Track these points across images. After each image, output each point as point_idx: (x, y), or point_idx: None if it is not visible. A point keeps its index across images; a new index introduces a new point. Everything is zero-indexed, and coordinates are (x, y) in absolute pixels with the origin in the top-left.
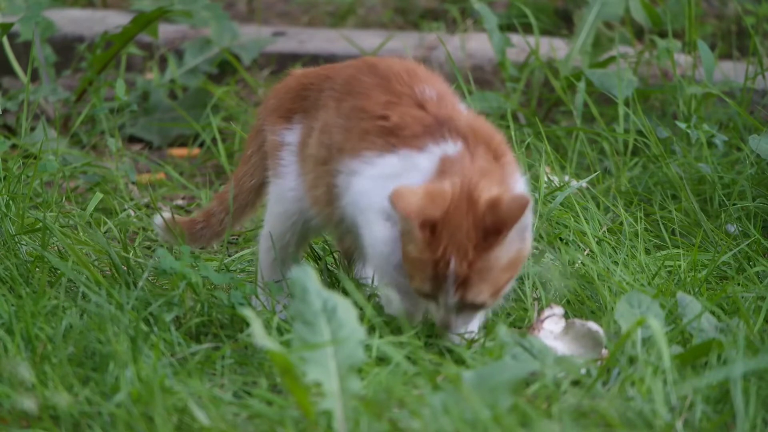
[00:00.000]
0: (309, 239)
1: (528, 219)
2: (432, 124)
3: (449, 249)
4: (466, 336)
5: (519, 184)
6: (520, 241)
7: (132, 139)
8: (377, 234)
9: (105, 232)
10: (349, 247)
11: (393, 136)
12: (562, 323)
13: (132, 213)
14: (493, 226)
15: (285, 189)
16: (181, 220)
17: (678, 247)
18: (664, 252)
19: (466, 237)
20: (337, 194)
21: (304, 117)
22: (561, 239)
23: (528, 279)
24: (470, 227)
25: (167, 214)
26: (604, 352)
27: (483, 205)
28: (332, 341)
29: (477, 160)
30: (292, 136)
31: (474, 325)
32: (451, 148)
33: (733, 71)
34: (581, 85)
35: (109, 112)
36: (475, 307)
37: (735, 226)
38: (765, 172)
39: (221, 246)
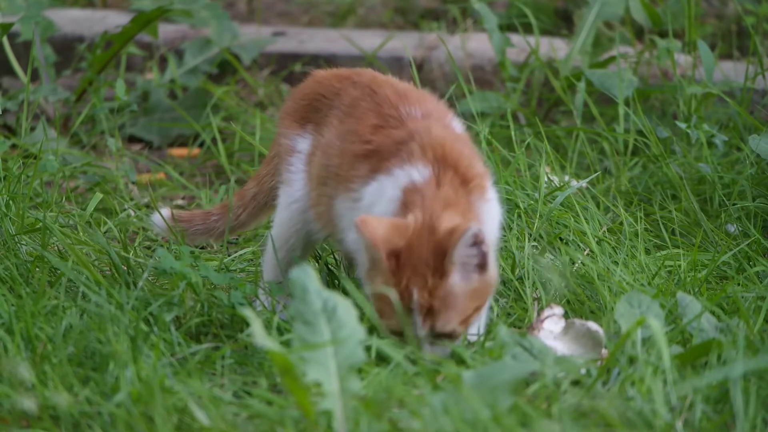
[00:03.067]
0: (316, 244)
1: (484, 248)
2: (403, 138)
3: (411, 280)
4: (469, 338)
5: (487, 209)
6: (478, 270)
7: (132, 139)
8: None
9: (105, 232)
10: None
11: (374, 159)
12: (561, 323)
13: (132, 213)
14: (443, 250)
15: (291, 199)
16: (196, 212)
17: (678, 247)
18: (664, 252)
19: (425, 266)
20: (336, 217)
21: (314, 129)
22: (561, 239)
23: (528, 279)
24: (429, 256)
25: (166, 212)
26: (604, 352)
27: (442, 234)
28: (332, 341)
29: (442, 188)
30: (303, 144)
31: (474, 327)
32: (417, 174)
33: (733, 71)
34: (581, 85)
35: (109, 112)
36: (446, 337)
37: (735, 226)
38: (765, 172)
39: (221, 246)
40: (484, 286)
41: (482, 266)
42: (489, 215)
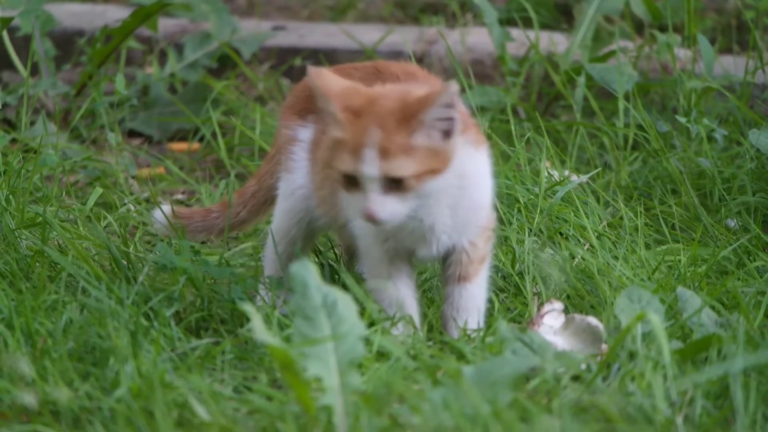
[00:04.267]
0: (316, 237)
1: (455, 114)
2: None
3: (371, 123)
4: (468, 332)
5: (478, 154)
6: (443, 135)
7: (132, 134)
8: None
9: (105, 227)
10: (352, 243)
11: None
12: (561, 318)
13: (132, 207)
14: (415, 107)
15: (294, 186)
16: (196, 209)
17: (678, 242)
18: (664, 247)
19: (388, 115)
20: (340, 200)
21: (316, 118)
22: (561, 234)
23: (528, 274)
24: (395, 110)
25: (167, 208)
26: (604, 347)
27: (413, 97)
28: (332, 336)
29: None
30: (305, 133)
31: (474, 321)
32: None
33: (733, 65)
34: (581, 80)
35: (109, 107)
36: (396, 185)
37: (735, 220)
38: (765, 167)
39: (222, 240)
40: (444, 152)
41: (448, 133)
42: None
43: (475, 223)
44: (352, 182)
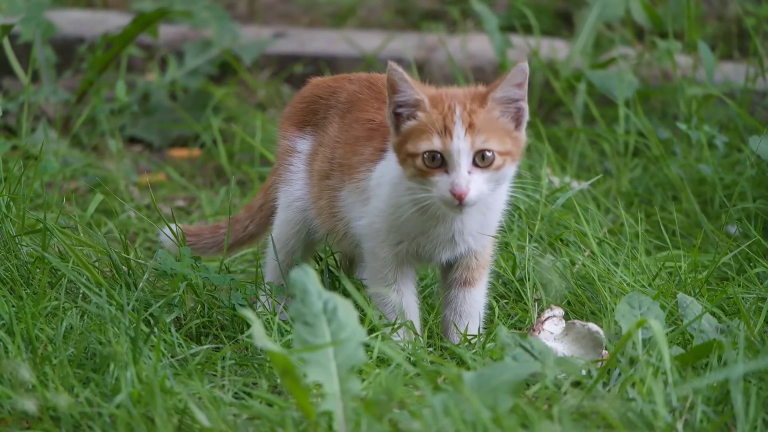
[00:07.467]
0: (316, 246)
1: (523, 105)
2: None
3: (452, 102)
4: (468, 338)
5: None
6: (514, 123)
7: (132, 140)
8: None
9: (105, 233)
10: (352, 251)
11: (378, 134)
12: (562, 324)
13: (132, 214)
14: (486, 88)
15: (292, 198)
16: (204, 227)
17: (678, 248)
18: (664, 253)
19: (465, 97)
20: (340, 209)
21: (314, 130)
22: (562, 240)
23: (528, 280)
24: (468, 94)
25: (174, 226)
26: (605, 353)
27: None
28: (333, 342)
29: None
30: (303, 145)
31: (474, 326)
32: None
33: (734, 72)
34: (582, 87)
35: (109, 113)
36: (483, 160)
37: (735, 227)
38: (765, 173)
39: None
40: (517, 139)
41: (518, 122)
42: None
43: (495, 226)
44: (434, 164)
